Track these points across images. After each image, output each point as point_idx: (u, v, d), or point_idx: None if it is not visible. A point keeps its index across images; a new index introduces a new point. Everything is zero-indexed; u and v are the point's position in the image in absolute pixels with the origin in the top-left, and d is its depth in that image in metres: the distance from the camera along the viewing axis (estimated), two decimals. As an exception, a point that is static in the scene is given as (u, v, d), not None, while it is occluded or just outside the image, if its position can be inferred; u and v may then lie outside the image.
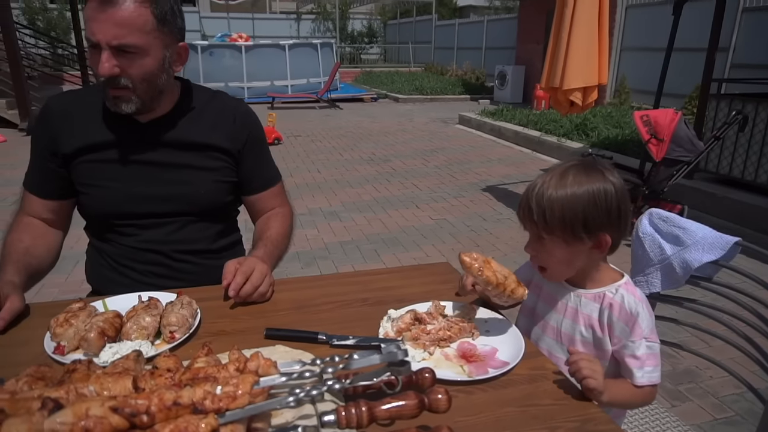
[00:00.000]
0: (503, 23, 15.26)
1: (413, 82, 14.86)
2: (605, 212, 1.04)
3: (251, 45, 13.01)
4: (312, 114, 11.19)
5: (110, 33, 1.15)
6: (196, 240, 1.42)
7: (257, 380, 0.68)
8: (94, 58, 1.20)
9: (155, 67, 1.24)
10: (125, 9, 1.15)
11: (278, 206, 1.54)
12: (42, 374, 0.79)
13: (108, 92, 1.24)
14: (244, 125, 1.44)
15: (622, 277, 1.15)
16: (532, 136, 7.56)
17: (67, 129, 1.33)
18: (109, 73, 1.19)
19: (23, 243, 1.30)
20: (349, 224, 4.52)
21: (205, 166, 1.39)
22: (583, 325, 1.13)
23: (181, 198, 1.37)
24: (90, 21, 1.16)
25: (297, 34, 21.64)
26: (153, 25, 1.20)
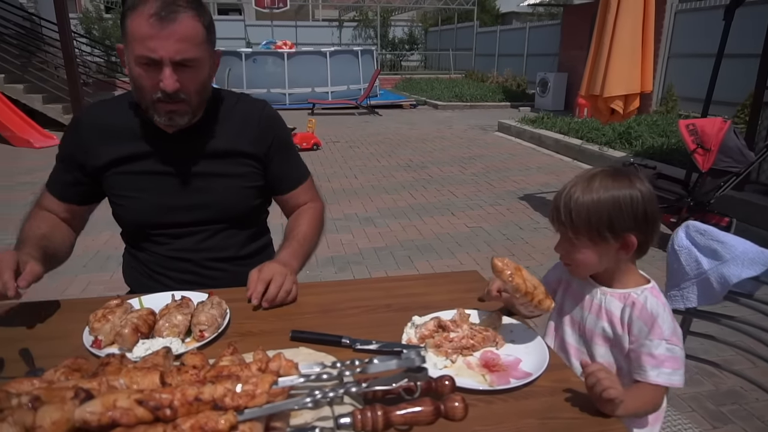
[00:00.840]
0: (546, 30, 15.04)
1: (453, 89, 14.82)
2: (631, 216, 1.07)
3: (293, 52, 13.27)
4: (351, 120, 11.30)
5: (173, 49, 1.17)
6: (225, 247, 1.45)
7: (276, 380, 0.70)
8: (149, 76, 1.21)
9: (207, 78, 1.29)
10: (185, 24, 1.18)
11: (309, 201, 1.57)
12: (78, 366, 0.84)
13: (161, 107, 1.25)
14: (269, 128, 1.45)
15: (649, 282, 1.16)
16: (572, 144, 7.41)
17: (98, 141, 1.35)
18: (174, 88, 1.20)
19: (41, 230, 1.32)
20: (383, 230, 4.54)
21: (232, 173, 1.41)
22: (605, 322, 1.15)
23: (209, 207, 1.40)
24: (148, 39, 1.16)
25: (339, 41, 21.94)
26: (204, 37, 1.24)
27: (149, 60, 1.19)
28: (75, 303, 1.24)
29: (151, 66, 1.19)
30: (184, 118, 1.29)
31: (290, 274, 1.27)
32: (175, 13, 1.17)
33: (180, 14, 1.18)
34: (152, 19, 1.15)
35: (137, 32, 1.17)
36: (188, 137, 1.36)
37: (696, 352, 1.60)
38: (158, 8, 1.16)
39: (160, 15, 1.16)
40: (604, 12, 4.45)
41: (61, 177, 1.40)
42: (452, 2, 22.85)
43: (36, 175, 5.87)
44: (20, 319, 1.15)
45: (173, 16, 1.17)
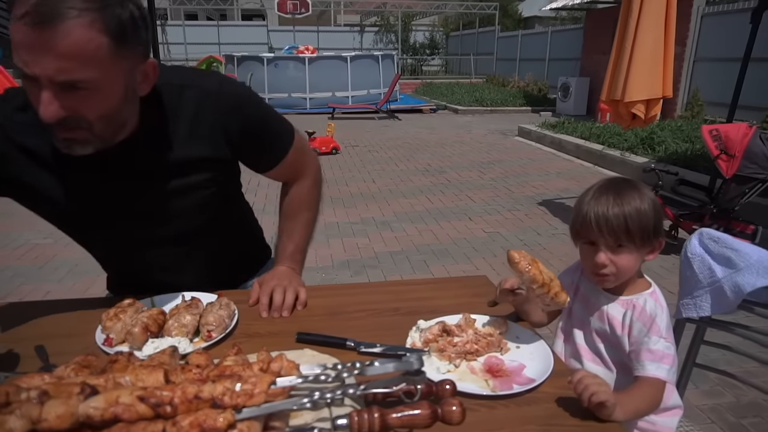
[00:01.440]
0: (568, 34, 14.91)
1: (473, 94, 14.78)
2: (662, 217, 1.15)
3: (314, 57, 13.40)
4: (371, 124, 11.35)
5: (51, 67, 0.86)
6: (201, 257, 1.32)
7: (274, 380, 0.71)
8: (32, 93, 0.90)
9: (115, 101, 0.97)
10: (70, 35, 0.85)
11: (299, 170, 1.37)
12: (88, 363, 0.86)
13: (54, 132, 0.95)
14: (231, 118, 1.14)
15: (650, 286, 1.18)
16: (594, 149, 7.32)
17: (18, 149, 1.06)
18: (55, 118, 0.90)
19: None
20: (400, 234, 4.55)
21: (186, 185, 1.16)
22: (606, 325, 1.17)
23: (167, 230, 1.21)
24: (20, 48, 0.85)
25: (360, 46, 22.07)
26: (108, 50, 0.90)
27: (25, 75, 0.88)
28: (91, 302, 1.27)
29: (32, 82, 0.89)
30: (87, 148, 0.99)
31: (293, 283, 1.27)
32: (57, 19, 0.83)
33: (65, 21, 0.84)
34: (24, 22, 0.83)
35: (12, 35, 0.84)
36: (124, 152, 1.07)
37: (717, 362, 1.57)
38: (33, 7, 0.82)
39: (34, 18, 0.83)
40: (625, 16, 4.40)
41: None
42: (474, 7, 22.80)
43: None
44: (38, 317, 1.19)
45: (54, 23, 0.83)
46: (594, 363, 1.20)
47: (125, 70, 0.96)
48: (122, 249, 1.26)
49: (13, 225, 4.45)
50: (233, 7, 25.42)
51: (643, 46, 4.22)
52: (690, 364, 1.39)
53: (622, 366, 1.17)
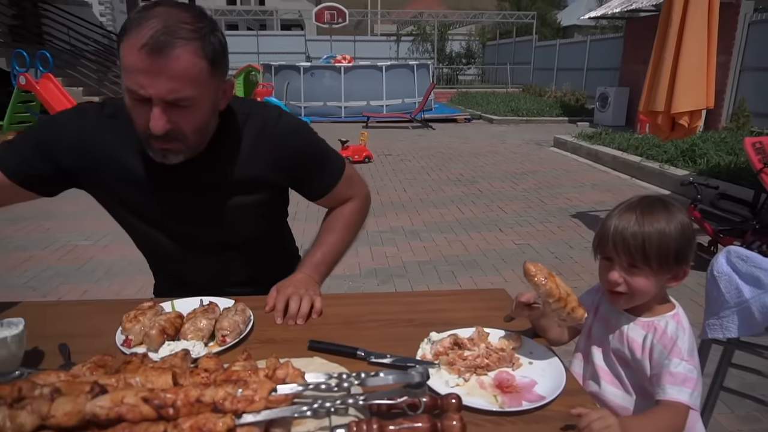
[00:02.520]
0: (607, 43, 14.64)
1: (509, 103, 14.65)
2: (690, 244, 1.08)
3: (350, 66, 13.56)
4: (404, 133, 11.38)
5: (164, 88, 1.03)
6: (240, 272, 1.43)
7: (275, 387, 0.72)
8: (140, 110, 1.08)
9: (207, 116, 1.16)
10: (181, 60, 1.03)
11: (348, 197, 1.49)
12: (104, 363, 0.89)
13: (152, 143, 1.13)
14: (286, 146, 1.30)
15: (674, 308, 1.13)
16: (631, 161, 7.13)
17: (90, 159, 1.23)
18: (163, 131, 1.08)
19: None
20: (429, 244, 4.53)
21: (245, 203, 1.32)
22: (626, 348, 1.13)
23: (219, 239, 1.36)
24: (137, 73, 1.03)
25: (396, 55, 22.21)
26: (206, 73, 1.08)
27: (138, 96, 1.05)
28: (115, 304, 1.31)
29: (141, 102, 1.06)
30: (179, 157, 1.16)
31: (309, 291, 1.28)
32: (169, 48, 1.01)
33: (176, 49, 1.02)
34: (143, 52, 1.01)
35: (127, 62, 1.03)
36: (195, 167, 1.23)
37: (754, 387, 1.50)
38: (151, 39, 1.00)
39: (151, 47, 1.00)
40: (665, 26, 4.29)
41: (17, 154, 1.22)
42: (511, 16, 22.65)
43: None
44: (65, 316, 1.24)
45: (166, 51, 1.01)
46: (613, 385, 1.16)
47: (215, 89, 1.14)
48: (175, 252, 1.37)
49: (55, 227, 4.65)
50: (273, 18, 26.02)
51: (685, 56, 4.10)
52: (717, 388, 1.33)
53: (642, 390, 1.12)
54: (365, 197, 1.53)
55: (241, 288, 1.39)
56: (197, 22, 1.07)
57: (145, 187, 1.25)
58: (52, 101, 8.43)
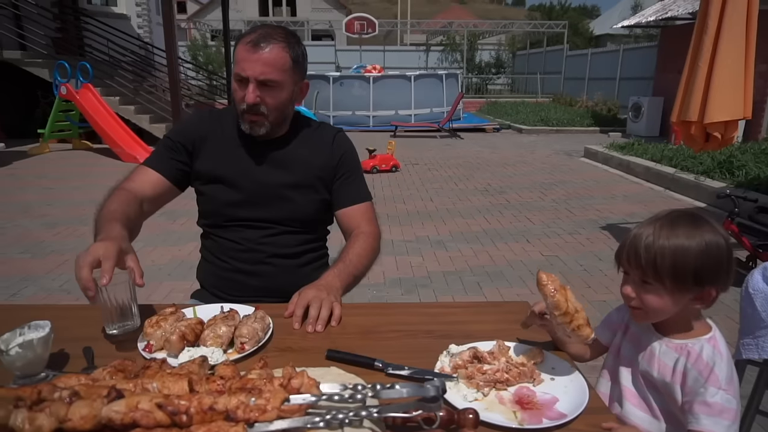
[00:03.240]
0: (641, 52, 14.36)
1: (539, 113, 14.49)
2: (716, 265, 1.00)
3: (379, 76, 13.63)
4: (432, 143, 11.36)
5: (258, 70, 1.42)
6: (285, 245, 1.60)
7: (287, 397, 0.72)
8: (240, 90, 1.46)
9: (287, 99, 1.50)
10: (272, 51, 1.42)
11: (366, 226, 1.63)
12: (124, 367, 0.90)
13: (246, 117, 1.48)
14: (339, 147, 1.66)
15: (710, 330, 1.06)
16: (665, 172, 6.95)
17: (208, 136, 1.59)
18: (254, 102, 1.44)
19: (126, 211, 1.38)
20: (454, 254, 4.49)
21: (304, 183, 1.60)
22: (656, 371, 1.07)
23: (280, 208, 1.58)
24: (242, 61, 1.42)
25: (425, 65, 22.25)
26: (289, 65, 1.46)
27: (240, 77, 1.44)
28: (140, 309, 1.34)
29: (242, 82, 1.45)
30: (262, 129, 1.51)
31: (329, 296, 1.30)
32: (267, 43, 1.42)
33: (271, 44, 1.42)
34: (248, 45, 1.42)
35: (238, 55, 1.44)
36: (274, 147, 1.59)
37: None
38: (256, 38, 1.42)
39: (254, 43, 1.41)
40: (700, 33, 4.18)
41: (168, 155, 1.57)
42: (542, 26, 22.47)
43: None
44: (92, 319, 1.27)
45: (264, 45, 1.42)
46: (640, 409, 1.10)
47: (294, 81, 1.51)
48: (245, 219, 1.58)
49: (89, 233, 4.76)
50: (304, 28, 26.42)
51: (720, 65, 3.98)
52: (752, 411, 1.27)
53: (671, 416, 1.07)
54: (378, 235, 1.67)
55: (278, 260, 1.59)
56: (288, 35, 1.49)
57: (236, 158, 1.57)
58: (90, 110, 8.73)
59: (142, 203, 1.48)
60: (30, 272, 3.97)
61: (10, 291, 3.63)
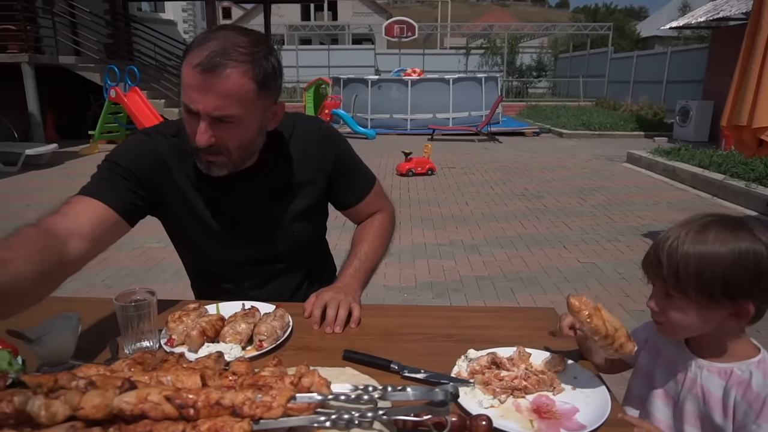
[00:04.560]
0: (690, 54, 13.86)
1: (580, 117, 14.16)
2: (752, 276, 0.90)
3: (417, 79, 13.62)
4: (470, 146, 11.26)
5: (211, 104, 1.10)
6: (291, 278, 1.49)
7: (294, 395, 0.72)
8: (190, 124, 1.17)
9: (252, 134, 1.22)
10: (230, 80, 1.09)
11: (376, 210, 1.56)
12: (143, 360, 0.92)
13: (201, 156, 1.21)
14: (328, 145, 1.41)
15: (759, 352, 0.96)
16: (713, 179, 6.66)
17: (169, 167, 1.30)
18: (207, 144, 1.15)
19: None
20: (488, 259, 4.43)
21: (299, 209, 1.39)
22: (701, 401, 0.98)
23: (277, 246, 1.41)
24: (190, 89, 1.11)
25: (465, 69, 22.11)
26: (254, 94, 1.14)
27: (189, 109, 1.14)
28: (167, 304, 1.37)
29: (192, 116, 1.15)
30: (223, 170, 1.23)
31: (348, 297, 1.28)
32: (220, 67, 1.08)
33: (226, 69, 1.09)
34: (197, 70, 1.09)
35: (184, 79, 1.12)
36: (250, 175, 1.31)
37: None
38: (206, 58, 1.08)
39: (204, 66, 1.08)
40: (753, 34, 3.99)
41: (116, 181, 1.23)
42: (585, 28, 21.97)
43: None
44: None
45: (218, 71, 1.08)
46: None
47: (262, 110, 1.20)
48: (226, 260, 1.42)
49: (133, 230, 4.94)
50: (345, 32, 26.71)
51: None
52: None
53: None
54: (392, 213, 1.59)
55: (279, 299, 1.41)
56: (252, 47, 1.13)
57: (206, 195, 1.32)
58: (137, 112, 9.06)
59: (67, 246, 1.08)
60: (75, 267, 4.14)
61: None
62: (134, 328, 1.08)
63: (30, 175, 7.88)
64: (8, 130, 9.47)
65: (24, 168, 8.10)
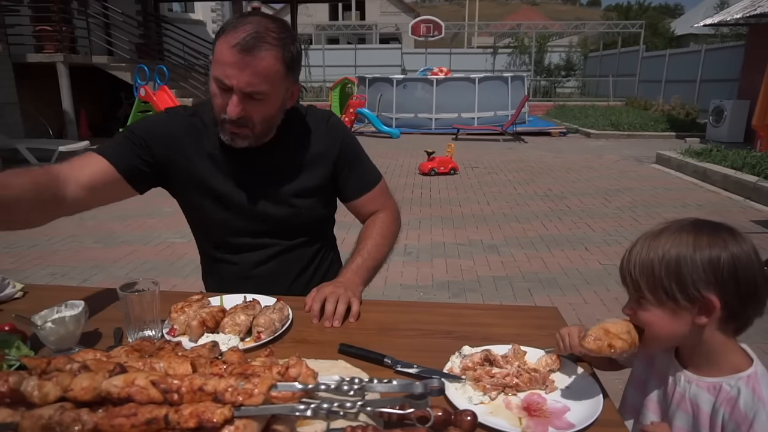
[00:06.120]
0: (725, 52, 13.45)
1: (609, 117, 13.89)
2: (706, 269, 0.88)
3: (442, 78, 13.55)
4: (494, 146, 11.16)
5: (245, 81, 1.21)
6: (293, 261, 1.50)
7: (275, 383, 0.73)
8: (221, 97, 1.26)
9: (275, 110, 1.33)
10: (264, 60, 1.21)
11: (380, 208, 1.58)
12: (140, 347, 0.95)
13: (227, 128, 1.30)
14: (335, 135, 1.49)
15: (750, 365, 0.92)
16: (746, 181, 6.45)
17: (185, 141, 1.39)
18: (237, 116, 1.25)
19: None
20: (507, 259, 4.39)
21: (305, 188, 1.45)
22: (690, 416, 0.95)
23: (282, 221, 1.45)
24: (226, 65, 1.20)
25: (492, 68, 21.91)
26: (281, 74, 1.26)
27: (222, 84, 1.24)
28: (172, 295, 1.40)
29: (224, 90, 1.24)
30: (245, 141, 1.33)
31: (347, 292, 1.29)
32: (256, 49, 1.19)
33: (261, 51, 1.20)
34: (234, 49, 1.19)
35: (220, 56, 1.21)
36: (263, 152, 1.41)
37: None
38: (243, 39, 1.18)
39: (242, 46, 1.18)
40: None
41: (127, 147, 1.35)
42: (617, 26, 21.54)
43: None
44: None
45: (254, 51, 1.19)
46: None
47: (285, 89, 1.32)
48: (239, 232, 1.46)
49: (156, 224, 5.09)
50: (372, 32, 26.75)
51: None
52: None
53: None
54: (396, 212, 1.61)
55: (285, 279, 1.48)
56: (281, 33, 1.25)
57: (222, 167, 1.40)
58: (166, 111, 9.25)
59: (63, 188, 1.21)
60: (100, 260, 4.27)
61: (82, 277, 3.92)
62: (137, 318, 1.11)
63: (63, 171, 8.14)
64: (43, 128, 9.81)
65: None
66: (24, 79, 9.22)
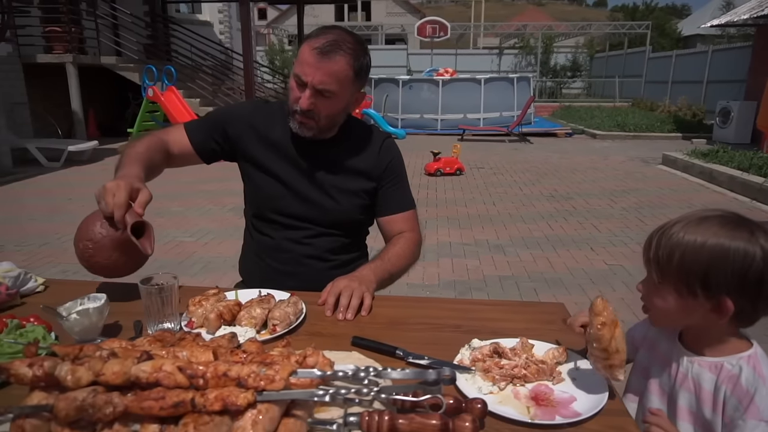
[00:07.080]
0: (732, 53, 13.41)
1: (615, 118, 13.87)
2: (735, 275, 0.90)
3: (448, 79, 13.57)
4: (500, 147, 11.18)
5: (318, 78, 1.40)
6: (323, 248, 1.62)
7: (295, 370, 0.77)
8: (296, 90, 1.46)
9: (340, 109, 1.51)
10: (337, 63, 1.41)
11: (407, 231, 1.66)
12: (162, 337, 0.99)
13: (296, 117, 1.49)
14: (387, 154, 1.65)
15: (750, 347, 0.96)
16: (752, 182, 6.45)
17: (258, 126, 1.61)
18: (307, 108, 1.44)
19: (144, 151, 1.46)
20: (513, 259, 4.41)
21: (349, 186, 1.61)
22: (693, 395, 0.99)
23: (322, 208, 1.59)
24: (305, 64, 1.41)
25: (498, 69, 21.91)
26: (350, 78, 1.45)
27: (299, 79, 1.43)
28: (189, 290, 1.44)
29: (300, 84, 1.44)
30: (310, 132, 1.51)
31: (361, 287, 1.33)
32: (332, 53, 1.40)
33: (336, 56, 1.40)
34: (314, 51, 1.40)
35: (302, 56, 1.43)
36: (322, 148, 1.59)
37: None
38: (322, 44, 1.39)
39: (321, 50, 1.39)
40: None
41: (206, 129, 1.61)
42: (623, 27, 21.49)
43: (213, 185, 6.81)
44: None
45: (330, 55, 1.40)
46: None
47: (351, 93, 1.50)
48: (281, 213, 1.61)
49: (166, 223, 5.13)
50: (378, 33, 26.82)
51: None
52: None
53: None
54: (420, 240, 1.69)
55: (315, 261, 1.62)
56: (356, 45, 1.45)
57: (284, 154, 1.59)
58: (173, 111, 9.33)
59: (168, 154, 1.55)
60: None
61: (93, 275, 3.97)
62: (157, 310, 1.15)
63: (72, 170, 8.22)
64: (52, 127, 9.90)
65: (66, 163, 8.46)
66: (33, 79, 9.32)
